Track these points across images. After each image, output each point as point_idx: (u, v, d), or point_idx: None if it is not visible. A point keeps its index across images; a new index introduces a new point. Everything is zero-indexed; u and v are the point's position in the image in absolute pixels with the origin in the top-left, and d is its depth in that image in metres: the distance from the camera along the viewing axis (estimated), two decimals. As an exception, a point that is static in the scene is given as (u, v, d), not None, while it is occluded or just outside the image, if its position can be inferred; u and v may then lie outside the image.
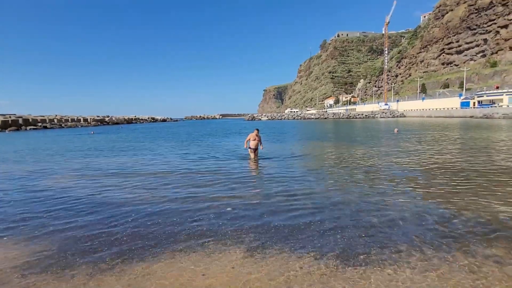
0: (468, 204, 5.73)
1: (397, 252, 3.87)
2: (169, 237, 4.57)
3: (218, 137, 27.14)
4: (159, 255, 3.99)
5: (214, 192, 7.16)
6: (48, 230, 5.01)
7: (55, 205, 6.50)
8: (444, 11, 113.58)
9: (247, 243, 4.27)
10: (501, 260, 3.61)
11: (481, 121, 42.83)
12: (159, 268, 3.65)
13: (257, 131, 11.81)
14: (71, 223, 5.35)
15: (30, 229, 5.09)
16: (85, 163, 12.61)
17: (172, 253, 4.05)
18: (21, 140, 29.13)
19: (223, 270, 3.56)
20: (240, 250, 4.07)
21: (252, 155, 12.14)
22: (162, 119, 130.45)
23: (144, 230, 4.88)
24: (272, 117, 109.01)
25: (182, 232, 4.74)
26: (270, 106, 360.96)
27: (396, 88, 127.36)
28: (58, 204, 6.58)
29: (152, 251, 4.12)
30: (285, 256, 3.84)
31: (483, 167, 9.37)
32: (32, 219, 5.61)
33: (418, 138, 19.94)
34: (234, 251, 4.03)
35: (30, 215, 5.84)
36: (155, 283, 3.33)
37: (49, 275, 3.56)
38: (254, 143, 11.93)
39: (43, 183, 8.76)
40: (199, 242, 4.37)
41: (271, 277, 3.37)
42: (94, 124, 76.99)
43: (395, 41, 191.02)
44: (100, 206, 6.31)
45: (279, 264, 3.65)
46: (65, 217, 5.68)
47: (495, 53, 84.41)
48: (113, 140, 26.71)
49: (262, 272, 3.47)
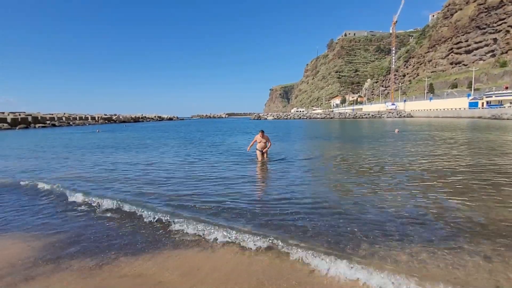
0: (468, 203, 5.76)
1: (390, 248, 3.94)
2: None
3: (226, 136, 27.28)
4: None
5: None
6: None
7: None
8: (453, 10, 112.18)
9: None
10: (488, 256, 3.67)
11: (489, 122, 42.28)
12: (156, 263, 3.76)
13: (261, 133, 11.30)
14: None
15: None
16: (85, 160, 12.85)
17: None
18: (27, 138, 29.66)
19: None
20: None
21: (260, 157, 11.52)
22: (169, 117, 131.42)
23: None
24: (278, 116, 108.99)
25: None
26: (276, 106, 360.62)
27: (404, 88, 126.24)
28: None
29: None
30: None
31: (482, 168, 9.33)
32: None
33: (418, 139, 19.71)
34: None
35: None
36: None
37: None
38: (261, 145, 11.43)
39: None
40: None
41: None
42: (101, 122, 77.98)
43: (403, 40, 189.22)
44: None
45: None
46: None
47: (504, 53, 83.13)
48: (122, 138, 27.05)
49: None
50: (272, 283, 3.29)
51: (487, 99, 66.81)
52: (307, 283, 3.27)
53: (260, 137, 11.32)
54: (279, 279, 3.35)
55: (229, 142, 20.52)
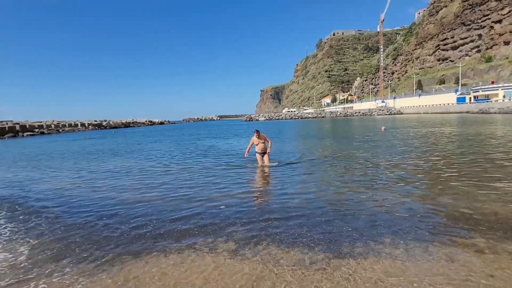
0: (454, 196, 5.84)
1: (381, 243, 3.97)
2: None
3: (218, 139, 27.19)
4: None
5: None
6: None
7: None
8: (438, 8, 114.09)
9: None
10: (480, 249, 3.73)
11: (477, 116, 43.05)
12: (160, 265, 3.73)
13: (257, 133, 9.93)
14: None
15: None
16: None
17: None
18: (14, 147, 29.07)
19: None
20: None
21: (261, 161, 10.23)
22: (160, 121, 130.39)
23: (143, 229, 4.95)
24: (270, 117, 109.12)
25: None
26: (267, 106, 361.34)
27: (393, 85, 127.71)
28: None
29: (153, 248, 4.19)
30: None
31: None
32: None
33: (403, 136, 19.86)
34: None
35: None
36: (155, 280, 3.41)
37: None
38: (259, 146, 10.08)
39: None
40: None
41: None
42: (91, 128, 76.93)
43: (391, 38, 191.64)
44: (91, 205, 6.38)
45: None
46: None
47: (490, 48, 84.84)
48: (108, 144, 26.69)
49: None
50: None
51: (474, 94, 68.05)
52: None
53: (256, 138, 9.98)
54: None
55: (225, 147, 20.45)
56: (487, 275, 3.19)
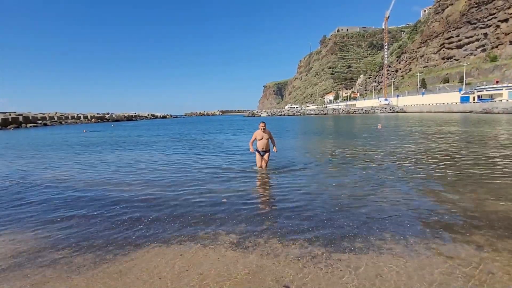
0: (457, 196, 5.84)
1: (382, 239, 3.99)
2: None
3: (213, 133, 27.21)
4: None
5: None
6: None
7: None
8: (444, 6, 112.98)
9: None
10: (481, 246, 3.73)
11: (480, 116, 42.81)
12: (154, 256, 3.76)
13: (263, 126, 8.44)
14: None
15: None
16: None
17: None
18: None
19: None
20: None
21: (260, 162, 8.68)
22: (162, 115, 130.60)
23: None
24: (272, 113, 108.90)
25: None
26: (270, 102, 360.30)
27: (396, 83, 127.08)
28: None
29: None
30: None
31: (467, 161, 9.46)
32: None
33: (398, 134, 19.78)
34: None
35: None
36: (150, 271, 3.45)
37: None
38: (261, 143, 8.49)
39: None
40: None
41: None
42: (94, 121, 77.09)
43: (395, 36, 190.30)
44: (91, 200, 6.43)
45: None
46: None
47: (495, 47, 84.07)
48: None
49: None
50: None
51: (478, 94, 67.62)
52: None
53: (261, 132, 8.45)
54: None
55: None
56: (487, 272, 3.20)
